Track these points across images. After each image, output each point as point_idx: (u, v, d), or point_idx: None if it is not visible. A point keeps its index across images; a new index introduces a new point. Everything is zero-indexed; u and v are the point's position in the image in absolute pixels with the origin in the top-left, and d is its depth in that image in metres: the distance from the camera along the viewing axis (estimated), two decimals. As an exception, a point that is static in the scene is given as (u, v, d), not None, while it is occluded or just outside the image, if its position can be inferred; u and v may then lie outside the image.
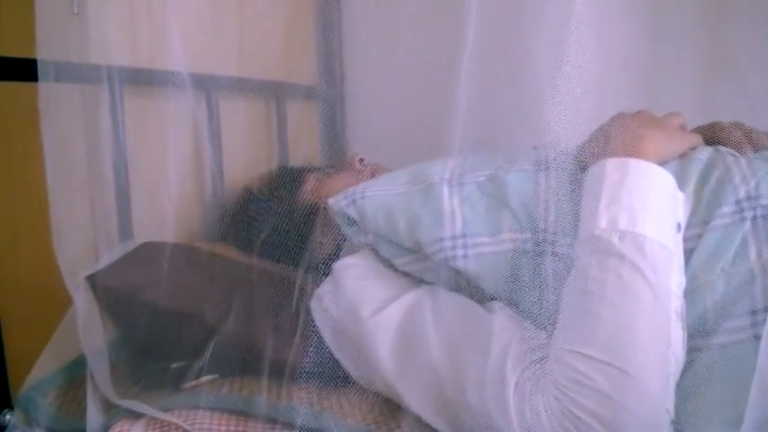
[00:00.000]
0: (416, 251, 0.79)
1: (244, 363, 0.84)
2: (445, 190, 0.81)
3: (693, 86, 1.08)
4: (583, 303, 0.65)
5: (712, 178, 0.74)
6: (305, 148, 1.37)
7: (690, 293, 0.67)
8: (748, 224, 0.69)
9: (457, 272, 0.76)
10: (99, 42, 0.96)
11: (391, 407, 0.76)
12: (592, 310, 0.63)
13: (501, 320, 0.70)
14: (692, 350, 0.66)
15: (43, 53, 0.84)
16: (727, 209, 0.70)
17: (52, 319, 0.89)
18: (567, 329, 0.65)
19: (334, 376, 0.79)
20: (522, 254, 0.74)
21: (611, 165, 0.71)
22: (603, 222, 0.67)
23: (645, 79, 1.00)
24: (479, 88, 0.72)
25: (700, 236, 0.70)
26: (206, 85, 1.15)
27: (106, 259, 0.94)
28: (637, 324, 0.62)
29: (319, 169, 1.16)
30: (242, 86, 1.27)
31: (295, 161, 1.35)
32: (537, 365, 0.65)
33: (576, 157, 0.78)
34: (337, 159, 1.30)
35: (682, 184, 0.73)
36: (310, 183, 1.10)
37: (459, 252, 0.75)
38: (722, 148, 0.80)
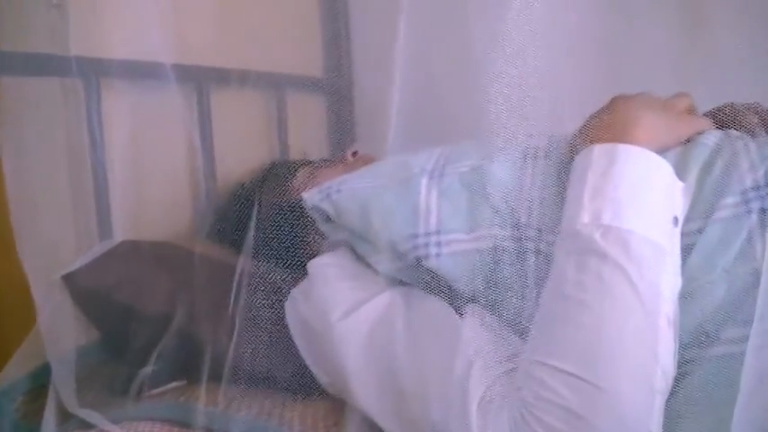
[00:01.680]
0: (391, 249, 0.73)
1: (212, 369, 0.79)
2: (424, 182, 0.74)
3: (662, 56, 0.97)
4: (558, 308, 0.57)
5: (717, 165, 0.65)
6: (304, 143, 1.32)
7: (686, 296, 0.58)
8: (755, 217, 0.60)
9: (432, 272, 0.69)
10: (81, 34, 0.92)
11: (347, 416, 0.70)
12: (567, 316, 0.56)
13: (471, 328, 0.63)
14: (687, 362, 0.57)
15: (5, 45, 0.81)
16: (731, 199, 0.61)
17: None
18: (540, 338, 0.57)
19: (296, 384, 0.74)
20: (502, 252, 0.67)
21: (599, 151, 0.63)
22: (586, 216, 0.59)
23: (605, 49, 0.90)
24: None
25: (700, 230, 0.61)
26: (196, 78, 1.11)
27: (83, 259, 0.91)
28: (617, 332, 0.54)
29: (312, 163, 1.10)
30: (238, 78, 1.22)
31: (295, 156, 1.31)
32: (506, 379, 0.58)
33: (569, 145, 0.71)
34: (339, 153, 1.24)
35: (683, 171, 0.65)
36: (300, 177, 1.05)
37: (432, 250, 0.69)
38: (733, 133, 0.71)
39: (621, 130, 0.65)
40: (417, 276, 0.71)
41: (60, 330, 0.82)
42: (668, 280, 0.57)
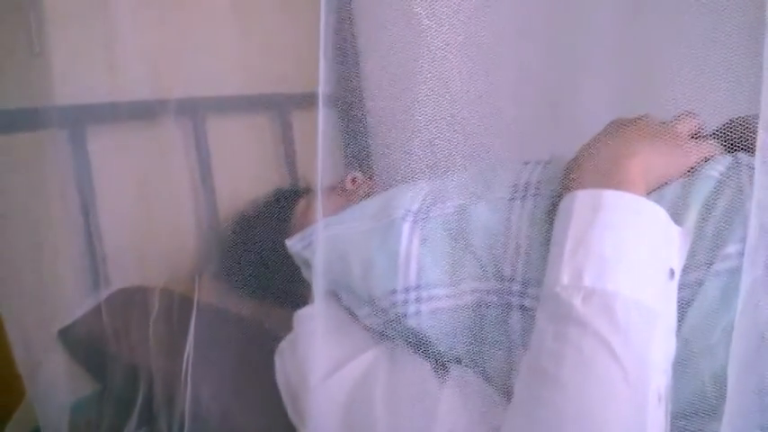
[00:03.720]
0: (371, 303, 0.68)
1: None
2: (406, 228, 0.69)
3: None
4: (535, 385, 0.52)
5: (719, 204, 0.57)
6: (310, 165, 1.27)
7: (682, 363, 0.52)
8: (760, 270, 0.52)
9: (414, 330, 0.65)
10: (65, 82, 0.91)
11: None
12: (544, 395, 0.50)
13: (451, 399, 0.58)
14: None
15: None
16: (733, 248, 0.54)
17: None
18: (515, 418, 0.52)
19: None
20: (485, 308, 0.62)
21: (582, 198, 0.57)
22: (566, 276, 0.53)
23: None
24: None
25: (699, 283, 0.54)
26: (190, 110, 1.08)
27: (79, 311, 0.89)
28: (599, 417, 0.48)
29: (313, 191, 1.06)
30: (235, 105, 1.18)
31: (303, 179, 1.27)
32: None
33: (560, 180, 0.65)
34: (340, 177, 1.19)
35: (682, 210, 0.58)
36: (300, 208, 1.01)
37: (412, 308, 0.64)
38: (743, 158, 0.63)
39: (612, 168, 0.58)
40: (400, 332, 0.67)
41: (51, 394, 0.80)
42: (660, 347, 0.51)
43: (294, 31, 1.33)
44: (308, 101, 1.34)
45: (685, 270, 0.55)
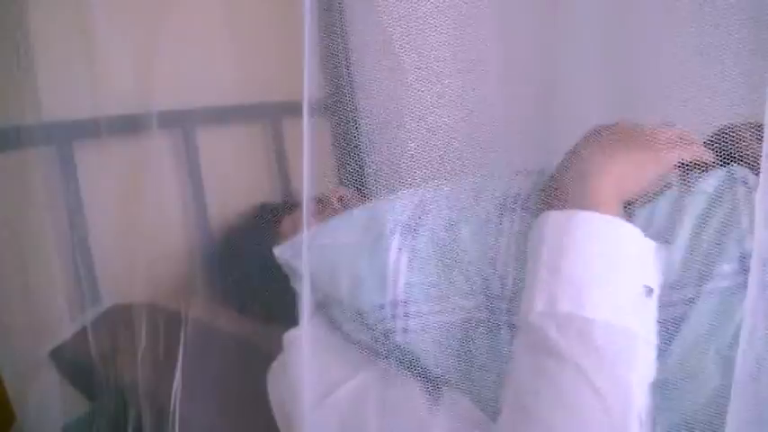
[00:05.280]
0: (360, 319, 0.67)
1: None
2: (395, 241, 0.68)
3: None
4: (515, 422, 0.50)
5: (714, 220, 0.56)
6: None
7: (674, 385, 0.51)
8: (755, 291, 0.51)
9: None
10: (51, 97, 0.90)
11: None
12: (520, 430, 0.49)
13: (441, 425, 0.57)
14: None
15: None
16: (727, 267, 0.53)
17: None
18: None
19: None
20: (474, 325, 0.61)
21: (553, 220, 0.56)
22: (540, 302, 0.52)
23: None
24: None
25: (692, 301, 0.53)
26: (179, 122, 1.07)
27: (71, 329, 0.88)
28: None
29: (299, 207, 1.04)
30: (225, 115, 1.17)
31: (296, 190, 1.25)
32: None
33: (538, 199, 0.64)
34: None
35: (674, 227, 0.56)
36: (285, 225, 0.99)
37: (399, 324, 0.63)
38: (738, 171, 0.61)
39: (583, 187, 0.57)
40: (389, 348, 0.66)
41: (42, 415, 0.80)
42: (640, 368, 0.50)
43: (283, 38, 1.32)
44: (299, 108, 1.34)
45: (677, 287, 0.54)
